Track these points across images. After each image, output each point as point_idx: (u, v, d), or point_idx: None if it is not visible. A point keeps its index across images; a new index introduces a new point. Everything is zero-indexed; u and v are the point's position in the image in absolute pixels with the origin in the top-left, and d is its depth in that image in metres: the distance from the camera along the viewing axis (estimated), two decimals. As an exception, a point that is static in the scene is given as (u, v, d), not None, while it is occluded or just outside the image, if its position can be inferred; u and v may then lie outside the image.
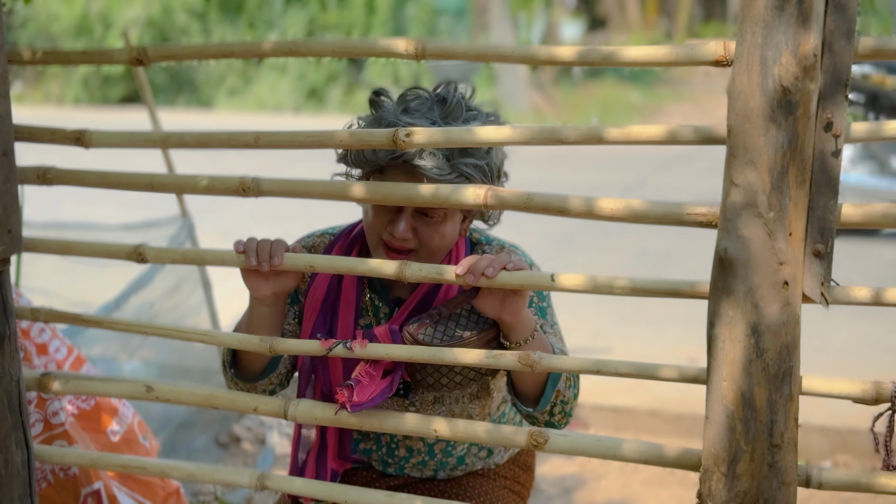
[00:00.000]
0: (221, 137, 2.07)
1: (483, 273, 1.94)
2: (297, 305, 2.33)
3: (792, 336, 1.74)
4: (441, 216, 2.14)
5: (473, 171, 2.11)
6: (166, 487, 2.81)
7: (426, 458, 2.36)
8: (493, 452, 2.42)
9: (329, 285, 2.28)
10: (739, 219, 1.72)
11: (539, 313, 2.24)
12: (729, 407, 1.77)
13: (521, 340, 2.05)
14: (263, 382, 2.27)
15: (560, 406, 2.13)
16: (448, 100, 2.16)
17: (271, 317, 2.19)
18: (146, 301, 3.80)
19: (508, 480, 2.46)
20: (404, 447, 2.36)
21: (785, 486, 1.79)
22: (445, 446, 2.35)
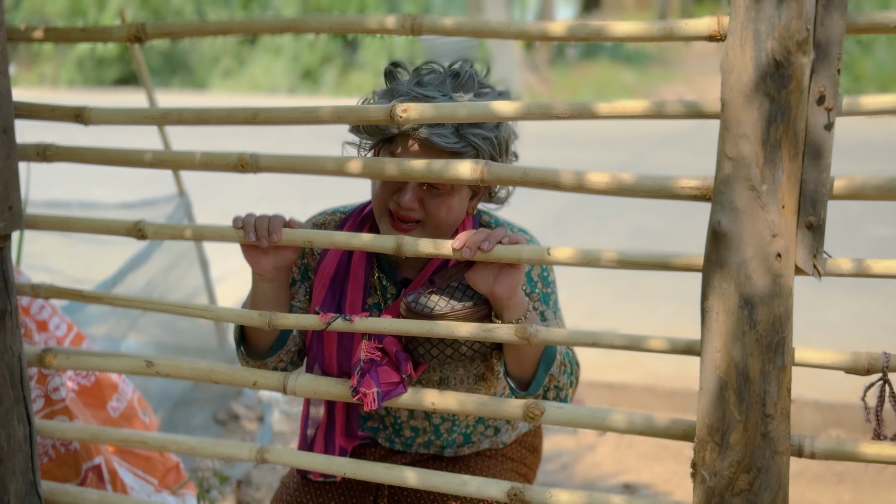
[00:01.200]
0: (220, 114, 2.09)
1: (479, 247, 1.96)
2: (308, 283, 2.35)
3: (785, 307, 1.77)
4: (448, 188, 2.15)
5: (482, 143, 2.12)
6: (166, 462, 2.84)
7: (432, 437, 2.38)
8: (499, 430, 2.44)
9: (338, 263, 2.29)
10: (733, 191, 1.74)
11: (542, 300, 2.25)
12: (722, 378, 1.79)
13: (514, 320, 2.05)
14: (272, 359, 2.29)
15: (554, 391, 2.15)
16: (461, 74, 2.18)
17: (274, 292, 2.21)
18: (144, 279, 3.82)
19: (515, 462, 2.48)
20: (408, 427, 2.38)
21: (778, 456, 1.81)
22: (451, 425, 2.37)
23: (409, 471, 2.15)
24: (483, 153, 2.13)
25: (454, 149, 2.11)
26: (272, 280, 2.19)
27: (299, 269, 2.36)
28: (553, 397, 2.15)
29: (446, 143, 2.10)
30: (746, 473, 1.81)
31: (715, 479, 1.83)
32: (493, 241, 1.96)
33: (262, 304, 2.21)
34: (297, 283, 2.36)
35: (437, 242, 2.03)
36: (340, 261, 2.29)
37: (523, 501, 2.04)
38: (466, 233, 1.99)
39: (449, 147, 2.10)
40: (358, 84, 19.77)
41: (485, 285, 2.03)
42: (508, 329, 2.00)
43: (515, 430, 2.48)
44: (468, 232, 1.99)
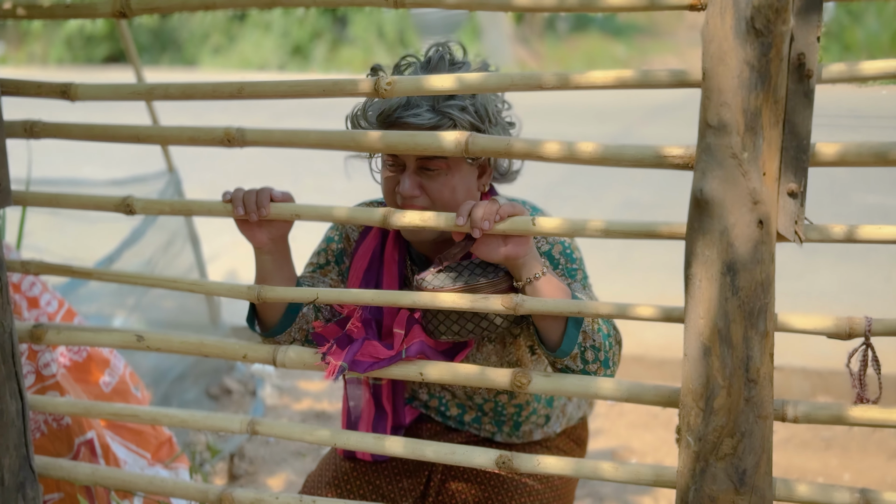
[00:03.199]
0: (205, 89, 2.09)
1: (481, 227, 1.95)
2: (340, 267, 2.39)
3: (766, 274, 1.78)
4: (443, 166, 2.16)
5: (459, 114, 2.14)
6: (158, 436, 2.86)
7: (478, 413, 2.42)
8: (550, 419, 2.46)
9: (371, 257, 2.32)
10: (714, 160, 1.75)
11: (567, 275, 2.24)
12: (706, 344, 1.81)
13: (532, 277, 2.03)
14: (283, 337, 2.29)
15: (592, 353, 2.10)
16: (432, 59, 2.21)
17: (275, 264, 2.22)
18: (141, 257, 3.83)
19: (561, 452, 2.51)
20: (455, 405, 2.43)
21: (761, 420, 1.83)
22: (495, 405, 2.40)
23: (397, 440, 2.17)
24: (462, 124, 2.14)
25: (431, 124, 2.13)
26: (271, 251, 2.21)
27: (334, 252, 2.40)
28: (592, 359, 2.10)
29: (422, 122, 2.13)
30: (730, 438, 1.83)
31: (699, 444, 1.85)
32: (491, 219, 1.95)
33: (266, 277, 2.23)
34: (331, 265, 2.39)
35: (424, 214, 2.04)
36: (374, 254, 2.32)
37: (511, 468, 2.07)
38: (467, 205, 1.98)
39: (425, 124, 2.12)
40: (348, 59, 19.72)
41: (496, 253, 2.02)
42: (496, 299, 2.01)
43: (565, 416, 2.50)
44: (468, 204, 1.98)
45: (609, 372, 2.13)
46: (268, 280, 2.23)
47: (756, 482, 1.85)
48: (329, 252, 2.41)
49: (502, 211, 1.97)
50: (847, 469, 3.46)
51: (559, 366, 2.10)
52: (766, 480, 1.86)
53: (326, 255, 2.41)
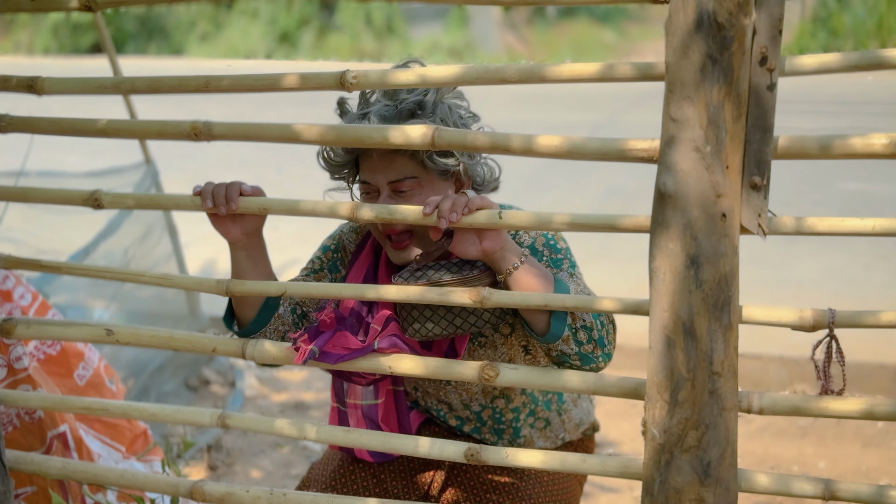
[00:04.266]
0: (171, 82, 2.09)
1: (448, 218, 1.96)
2: (335, 276, 2.40)
3: (730, 266, 1.79)
4: (415, 186, 2.18)
5: (416, 108, 2.16)
6: (133, 429, 2.86)
7: (477, 424, 2.43)
8: (550, 423, 2.46)
9: (365, 274, 2.33)
10: (677, 153, 1.75)
11: (552, 266, 2.24)
12: (670, 336, 1.81)
13: (511, 267, 2.04)
14: (258, 337, 2.28)
15: (584, 333, 2.08)
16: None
17: (250, 259, 2.22)
18: (118, 248, 3.83)
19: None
20: (454, 417, 2.43)
21: (725, 412, 1.84)
22: (493, 412, 2.41)
23: (367, 434, 2.18)
24: (421, 117, 2.17)
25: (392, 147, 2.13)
26: (245, 247, 2.21)
27: (329, 260, 2.42)
28: (586, 339, 2.09)
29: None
30: (695, 430, 1.84)
31: (664, 436, 1.86)
32: (460, 210, 1.96)
33: (241, 274, 2.23)
34: (325, 271, 2.41)
35: (391, 208, 2.04)
36: (367, 272, 2.33)
37: (479, 460, 2.07)
38: (434, 198, 1.99)
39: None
40: (335, 46, 19.67)
41: (473, 248, 2.03)
42: (463, 293, 2.02)
43: (571, 420, 2.50)
44: (436, 197, 1.99)
45: (606, 351, 2.13)
46: (243, 277, 2.23)
47: (721, 474, 1.86)
48: (324, 259, 2.42)
49: (471, 203, 1.97)
50: (822, 457, 3.48)
51: (555, 353, 2.10)
52: (731, 472, 1.87)
53: (321, 262, 2.42)
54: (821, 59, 1.78)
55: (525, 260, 2.06)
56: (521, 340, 2.32)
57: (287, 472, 3.48)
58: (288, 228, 5.86)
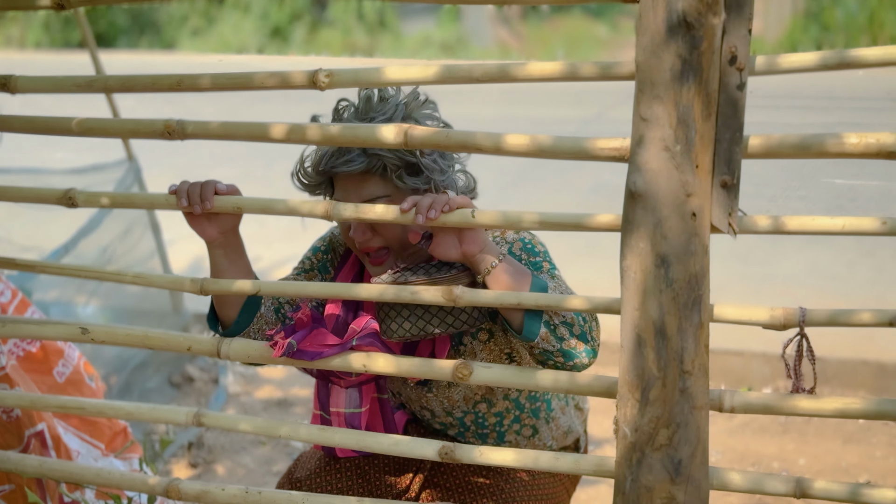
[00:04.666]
0: (144, 81, 2.09)
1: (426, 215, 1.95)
2: (325, 277, 2.41)
3: (700, 265, 1.79)
4: (384, 202, 2.19)
5: (387, 153, 2.18)
6: (113, 427, 2.86)
7: (461, 429, 2.44)
8: (538, 431, 2.46)
9: (352, 279, 2.35)
10: (647, 152, 1.75)
11: (531, 268, 2.24)
12: (641, 335, 1.82)
13: (490, 267, 2.05)
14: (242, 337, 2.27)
15: (565, 328, 2.07)
16: (360, 100, 2.26)
17: (227, 258, 2.23)
18: (98, 245, 3.82)
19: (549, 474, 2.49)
20: (437, 423, 2.44)
21: (696, 411, 1.85)
22: (475, 417, 2.41)
23: (342, 432, 2.18)
24: (392, 162, 2.18)
25: (362, 169, 2.19)
26: (222, 245, 2.21)
27: (319, 261, 2.43)
28: (568, 335, 2.08)
29: (353, 168, 2.19)
30: (666, 428, 1.84)
31: (636, 435, 1.86)
32: (439, 209, 1.96)
33: (219, 273, 2.23)
34: (315, 271, 2.42)
35: (360, 207, 2.05)
36: (354, 279, 2.35)
37: (454, 458, 2.08)
38: (413, 197, 2.00)
39: (356, 169, 2.19)
40: (327, 41, 19.64)
41: (454, 250, 2.04)
42: (437, 291, 2.02)
43: (559, 428, 2.49)
44: (415, 196, 2.00)
45: (590, 346, 2.12)
46: (222, 274, 2.23)
47: (692, 472, 1.86)
48: (314, 260, 2.43)
49: (452, 202, 1.98)
50: (803, 454, 3.49)
51: (537, 350, 2.09)
52: (702, 470, 1.88)
53: (311, 262, 2.43)
54: (790, 59, 1.79)
55: (503, 259, 2.07)
56: (504, 347, 2.32)
57: (269, 469, 3.48)
58: (277, 224, 5.86)
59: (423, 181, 2.22)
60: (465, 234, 2.03)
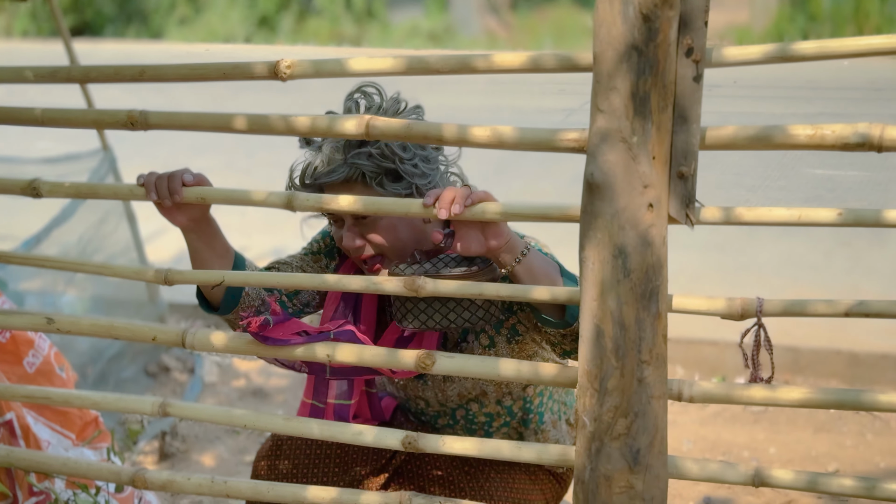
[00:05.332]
0: (107, 71, 2.09)
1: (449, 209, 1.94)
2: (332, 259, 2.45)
3: (657, 256, 1.80)
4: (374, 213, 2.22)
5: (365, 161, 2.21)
6: (84, 417, 2.86)
7: (450, 420, 2.46)
8: (523, 437, 2.47)
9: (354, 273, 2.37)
10: (605, 144, 1.76)
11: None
12: (599, 326, 1.83)
13: (515, 260, 2.05)
14: (232, 315, 2.32)
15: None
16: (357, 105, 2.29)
17: (202, 242, 2.25)
18: (73, 235, 3.82)
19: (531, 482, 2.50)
20: (431, 412, 2.46)
21: (654, 400, 1.86)
22: (466, 413, 2.44)
23: (312, 422, 2.18)
24: (370, 170, 2.21)
25: (343, 177, 2.23)
26: (194, 230, 2.23)
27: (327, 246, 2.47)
28: None
29: (336, 177, 2.23)
30: (624, 418, 1.86)
31: (595, 425, 1.87)
32: (462, 202, 1.94)
33: (196, 254, 2.26)
34: (321, 254, 2.46)
35: (329, 197, 2.05)
36: (357, 272, 2.37)
37: (417, 448, 2.09)
38: (436, 190, 1.98)
39: (339, 179, 2.23)
40: (315, 31, 19.58)
41: (478, 245, 2.03)
42: (399, 282, 2.03)
43: (546, 441, 2.49)
44: (437, 190, 1.98)
45: None
46: (199, 256, 2.26)
47: (650, 461, 1.88)
48: (322, 244, 2.46)
49: (475, 196, 1.97)
50: (773, 443, 3.51)
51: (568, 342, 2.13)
52: (661, 459, 1.89)
53: (319, 246, 2.46)
54: (744, 51, 1.80)
55: (529, 251, 2.07)
56: (504, 356, 2.34)
57: (241, 459, 3.49)
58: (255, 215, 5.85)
59: (405, 186, 2.24)
60: (490, 228, 2.02)
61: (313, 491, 2.17)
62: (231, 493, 2.22)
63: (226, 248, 2.28)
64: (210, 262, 2.27)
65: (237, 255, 2.34)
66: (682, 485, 3.18)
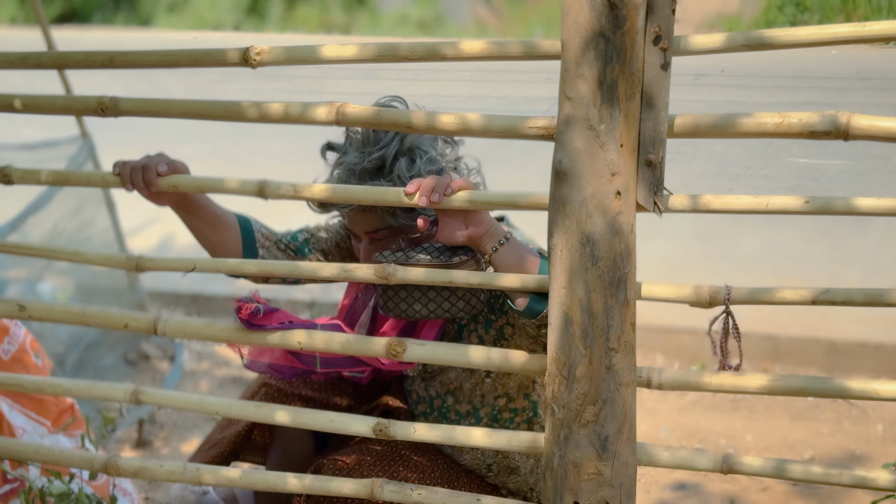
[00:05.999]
0: (77, 57, 2.08)
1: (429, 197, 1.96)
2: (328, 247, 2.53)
3: (625, 244, 1.80)
4: (388, 234, 2.33)
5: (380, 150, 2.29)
6: (59, 404, 2.85)
7: (427, 409, 2.49)
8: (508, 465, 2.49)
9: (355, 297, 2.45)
10: (573, 131, 1.77)
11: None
12: (568, 313, 1.83)
13: (497, 245, 2.07)
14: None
15: None
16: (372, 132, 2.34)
17: (193, 213, 2.33)
18: (48, 222, 3.80)
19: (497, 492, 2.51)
20: (454, 412, 2.47)
21: (622, 388, 1.86)
22: (442, 404, 2.46)
23: (280, 409, 2.19)
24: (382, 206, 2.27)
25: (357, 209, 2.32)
26: (181, 206, 2.31)
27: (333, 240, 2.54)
28: None
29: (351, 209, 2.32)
30: (592, 405, 1.86)
31: (563, 412, 1.88)
32: (442, 191, 1.97)
33: (191, 228, 2.37)
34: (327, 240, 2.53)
35: (298, 186, 2.06)
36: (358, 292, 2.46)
37: (388, 435, 2.09)
38: (417, 180, 2.00)
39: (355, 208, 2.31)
40: (304, 18, 19.49)
41: (460, 234, 2.06)
42: (369, 269, 2.03)
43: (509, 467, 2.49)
44: (418, 180, 2.00)
45: None
46: (192, 227, 2.37)
47: (618, 448, 1.88)
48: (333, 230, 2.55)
49: (454, 184, 1.98)
50: (750, 431, 3.52)
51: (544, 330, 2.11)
52: (629, 447, 1.89)
53: (327, 232, 2.54)
54: (710, 39, 1.80)
55: (509, 239, 2.09)
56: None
57: (220, 447, 3.48)
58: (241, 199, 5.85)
59: (413, 218, 2.29)
60: (471, 216, 2.05)
61: (287, 478, 2.18)
62: (203, 480, 2.23)
63: (216, 217, 2.37)
64: (204, 233, 2.37)
65: (241, 218, 2.44)
66: (657, 472, 3.19)
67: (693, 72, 7.16)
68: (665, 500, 3.06)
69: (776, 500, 3.04)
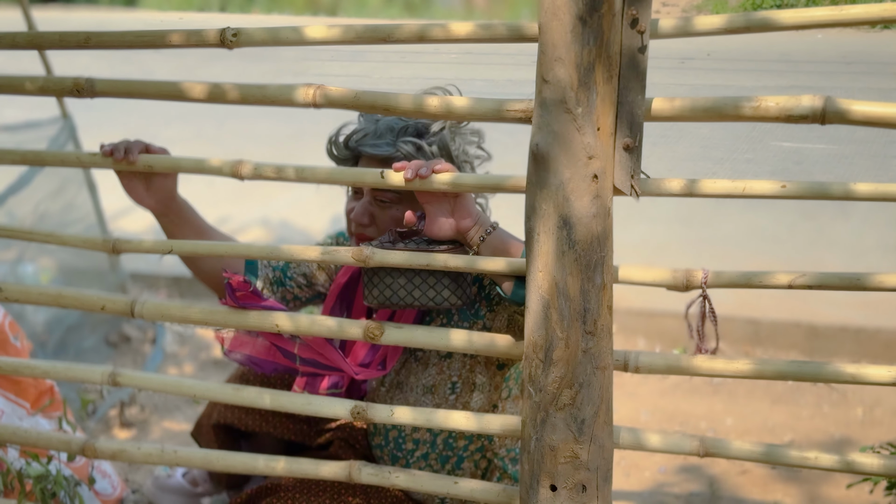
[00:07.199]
0: (52, 38, 2.07)
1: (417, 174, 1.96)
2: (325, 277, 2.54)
3: (603, 227, 1.80)
4: (394, 199, 2.30)
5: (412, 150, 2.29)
6: (39, 386, 2.85)
7: (429, 450, 2.46)
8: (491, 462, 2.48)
9: (351, 276, 2.43)
10: (550, 114, 1.76)
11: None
12: (545, 297, 1.83)
13: (484, 235, 2.08)
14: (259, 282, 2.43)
15: None
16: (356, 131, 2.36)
17: (176, 224, 2.34)
18: (29, 204, 3.78)
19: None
20: (411, 440, 2.46)
21: (600, 371, 1.86)
22: (447, 437, 2.44)
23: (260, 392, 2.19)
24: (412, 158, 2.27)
25: (385, 155, 2.29)
26: (165, 214, 2.32)
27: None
28: None
29: (378, 152, 2.30)
30: (569, 388, 1.86)
31: (540, 395, 1.88)
32: (429, 168, 1.97)
33: (171, 236, 2.34)
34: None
35: (279, 167, 2.05)
36: (352, 276, 2.43)
37: (366, 418, 2.10)
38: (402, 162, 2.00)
39: (379, 154, 2.30)
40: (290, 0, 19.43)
41: (448, 226, 2.08)
42: (346, 252, 2.03)
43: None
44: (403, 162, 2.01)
45: None
46: (175, 237, 2.34)
47: (595, 431, 1.89)
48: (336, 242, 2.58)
49: (439, 167, 1.99)
50: (731, 414, 3.53)
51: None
52: (606, 430, 1.90)
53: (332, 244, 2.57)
54: (692, 23, 1.79)
55: (495, 229, 2.10)
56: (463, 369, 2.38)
57: (201, 429, 3.48)
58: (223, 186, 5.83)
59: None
60: (458, 209, 2.06)
61: (263, 461, 2.18)
62: (181, 462, 2.23)
63: (200, 228, 2.36)
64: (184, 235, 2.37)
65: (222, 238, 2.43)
66: (636, 455, 3.20)
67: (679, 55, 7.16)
68: (644, 483, 3.08)
69: (755, 482, 3.06)
